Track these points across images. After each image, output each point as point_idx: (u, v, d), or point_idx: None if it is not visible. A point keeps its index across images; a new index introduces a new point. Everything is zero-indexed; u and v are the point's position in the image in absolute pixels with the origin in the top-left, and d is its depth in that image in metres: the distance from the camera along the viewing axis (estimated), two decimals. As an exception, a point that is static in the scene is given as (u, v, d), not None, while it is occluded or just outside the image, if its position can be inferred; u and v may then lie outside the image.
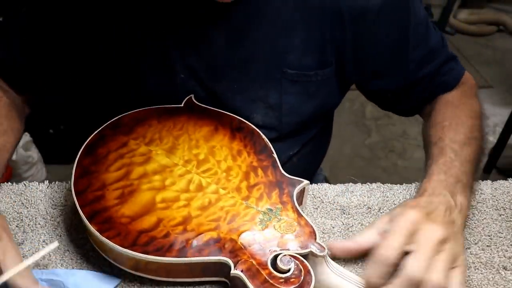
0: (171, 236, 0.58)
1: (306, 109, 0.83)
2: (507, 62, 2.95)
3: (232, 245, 0.57)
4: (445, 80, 0.83)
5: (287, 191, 0.63)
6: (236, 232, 0.59)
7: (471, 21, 3.28)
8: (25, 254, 0.66)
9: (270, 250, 0.57)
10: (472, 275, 0.65)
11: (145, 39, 0.76)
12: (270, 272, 0.54)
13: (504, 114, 2.13)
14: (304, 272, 0.54)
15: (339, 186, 0.79)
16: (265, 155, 0.68)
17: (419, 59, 0.81)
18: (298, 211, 0.61)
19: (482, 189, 0.79)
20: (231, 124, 0.74)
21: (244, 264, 0.55)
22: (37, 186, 0.76)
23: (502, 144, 2.00)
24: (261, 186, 0.64)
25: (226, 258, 0.56)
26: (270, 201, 0.62)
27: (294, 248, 0.56)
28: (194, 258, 0.56)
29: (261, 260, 0.55)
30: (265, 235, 0.58)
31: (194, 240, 0.57)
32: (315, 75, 0.79)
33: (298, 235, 0.58)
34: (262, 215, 0.60)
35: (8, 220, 0.70)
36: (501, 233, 0.72)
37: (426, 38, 0.81)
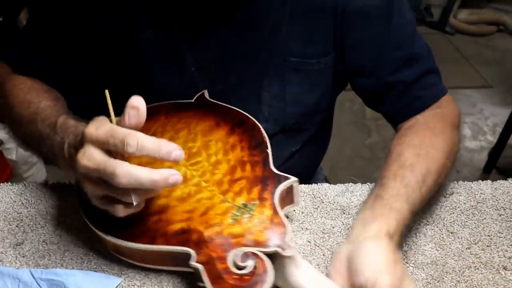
0: (145, 224, 0.59)
1: (308, 99, 0.84)
2: (507, 62, 2.95)
3: (199, 237, 0.57)
4: (422, 95, 0.79)
5: (270, 187, 0.62)
6: (205, 224, 0.58)
7: (471, 21, 3.28)
8: (25, 254, 0.66)
9: (233, 245, 0.55)
10: (472, 275, 0.65)
11: (155, 33, 0.76)
12: (226, 267, 0.53)
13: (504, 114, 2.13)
14: (260, 271, 0.52)
15: (339, 186, 0.79)
16: (259, 150, 0.67)
17: (398, 61, 0.78)
18: (275, 209, 0.59)
19: (482, 189, 0.79)
20: (234, 119, 0.73)
21: (204, 256, 0.55)
22: (37, 186, 0.76)
23: (502, 144, 2.00)
24: (244, 181, 0.63)
25: (190, 249, 0.56)
26: (248, 196, 0.61)
27: (258, 246, 0.55)
28: (161, 247, 0.57)
29: (221, 254, 0.55)
30: (233, 230, 0.58)
31: (165, 230, 0.58)
32: (317, 63, 0.80)
33: (267, 233, 0.56)
34: (236, 210, 0.60)
35: (8, 220, 0.71)
36: (501, 233, 0.72)
37: (410, 42, 0.79)
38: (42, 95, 0.74)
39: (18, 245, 0.67)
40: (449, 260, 0.67)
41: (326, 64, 0.80)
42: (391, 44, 0.78)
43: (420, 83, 0.79)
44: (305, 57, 0.79)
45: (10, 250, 0.66)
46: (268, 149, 0.67)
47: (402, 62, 0.78)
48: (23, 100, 0.73)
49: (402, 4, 0.78)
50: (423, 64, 0.79)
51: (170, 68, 0.78)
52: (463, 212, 0.75)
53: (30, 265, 0.64)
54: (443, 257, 0.68)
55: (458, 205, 0.76)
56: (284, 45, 0.77)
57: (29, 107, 0.70)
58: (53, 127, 0.64)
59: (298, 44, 0.78)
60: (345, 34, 0.77)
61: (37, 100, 0.72)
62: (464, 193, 0.78)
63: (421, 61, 0.79)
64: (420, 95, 0.79)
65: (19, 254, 0.66)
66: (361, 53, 0.79)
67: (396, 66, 0.78)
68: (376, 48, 0.78)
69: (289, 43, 0.77)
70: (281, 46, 0.77)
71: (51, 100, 0.73)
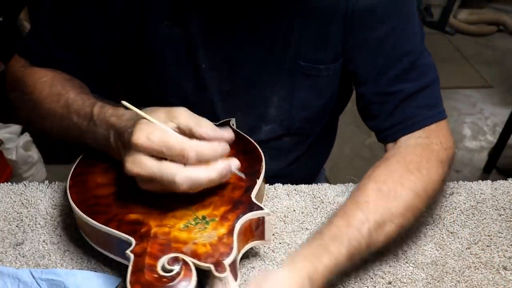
0: (111, 207, 0.61)
1: (315, 104, 0.83)
2: (507, 62, 2.95)
3: (146, 231, 0.57)
4: (416, 115, 0.73)
5: (239, 212, 0.60)
6: (158, 222, 0.59)
7: (471, 21, 3.28)
8: (25, 254, 0.66)
9: (172, 249, 0.55)
10: (472, 275, 0.65)
11: (171, 26, 0.75)
12: (152, 265, 0.53)
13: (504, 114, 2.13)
14: (181, 278, 0.51)
15: (339, 186, 0.79)
16: (249, 178, 0.65)
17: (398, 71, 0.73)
18: (231, 231, 0.57)
19: (482, 189, 0.79)
20: (244, 146, 0.72)
21: (140, 249, 0.55)
22: (37, 186, 0.76)
23: (502, 144, 2.00)
24: (216, 198, 0.62)
25: (133, 239, 0.56)
26: (211, 212, 0.60)
27: (194, 257, 0.54)
28: (110, 229, 0.58)
29: (156, 253, 0.54)
30: (179, 235, 0.57)
31: (123, 216, 0.59)
32: (326, 69, 0.79)
33: (209, 249, 0.55)
34: (192, 219, 0.59)
35: (8, 220, 0.71)
36: (501, 233, 0.72)
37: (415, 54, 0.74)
38: (67, 85, 0.72)
39: (18, 245, 0.67)
40: (449, 260, 0.67)
41: (334, 70, 0.79)
42: (394, 52, 0.74)
43: (417, 99, 0.73)
44: (315, 63, 0.78)
45: (10, 250, 0.66)
46: (258, 179, 0.65)
47: (402, 72, 0.74)
48: (50, 94, 0.71)
49: (412, 14, 0.74)
50: (423, 81, 0.74)
51: (183, 63, 0.78)
52: (463, 212, 0.75)
53: (30, 265, 0.64)
54: (443, 257, 0.68)
55: (458, 205, 0.76)
56: (296, 49, 0.76)
57: (58, 100, 0.70)
58: (90, 118, 0.65)
59: (309, 48, 0.76)
60: (349, 35, 0.75)
61: (64, 92, 0.71)
62: (464, 193, 0.78)
63: (422, 77, 0.74)
64: (413, 114, 0.73)
65: (19, 254, 0.66)
66: (360, 56, 0.76)
67: (395, 76, 0.74)
68: (377, 53, 0.74)
69: (301, 47, 0.76)
70: (293, 50, 0.76)
71: (77, 89, 0.72)
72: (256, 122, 0.84)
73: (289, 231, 0.70)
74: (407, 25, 0.74)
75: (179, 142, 0.54)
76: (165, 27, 0.74)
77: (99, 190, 0.64)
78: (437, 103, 0.75)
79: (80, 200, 0.62)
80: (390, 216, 0.61)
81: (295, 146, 0.90)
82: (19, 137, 1.77)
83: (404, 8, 0.73)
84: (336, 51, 0.77)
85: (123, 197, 0.63)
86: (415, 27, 0.75)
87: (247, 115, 0.83)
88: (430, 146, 0.70)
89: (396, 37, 0.73)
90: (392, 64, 0.73)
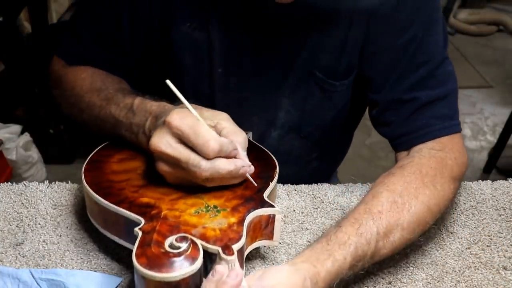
0: (123, 191, 0.62)
1: (326, 115, 0.83)
2: (507, 62, 2.95)
3: (157, 212, 0.58)
4: (431, 124, 0.72)
5: (250, 206, 0.60)
6: (169, 206, 0.59)
7: (471, 21, 3.28)
8: (25, 254, 0.66)
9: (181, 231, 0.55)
10: (472, 275, 0.65)
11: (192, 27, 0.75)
12: (160, 241, 0.53)
13: (504, 114, 2.13)
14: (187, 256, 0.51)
15: (339, 186, 0.79)
16: (263, 180, 0.65)
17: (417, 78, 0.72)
18: (242, 221, 0.58)
19: (482, 189, 0.79)
20: (260, 154, 0.72)
21: (149, 227, 0.55)
22: (37, 186, 0.76)
23: (502, 144, 2.00)
24: (229, 192, 0.62)
25: (142, 219, 0.57)
26: (224, 203, 0.61)
27: (202, 239, 0.54)
28: (120, 209, 0.58)
29: (165, 232, 0.55)
30: (190, 219, 0.58)
31: (134, 199, 0.60)
32: (341, 85, 0.79)
33: (218, 233, 0.56)
34: (204, 207, 0.60)
35: (8, 220, 0.71)
36: (501, 233, 0.72)
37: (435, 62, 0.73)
38: (107, 81, 0.76)
39: (18, 245, 0.67)
40: (449, 260, 0.67)
41: (348, 84, 0.79)
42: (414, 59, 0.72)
43: (433, 108, 0.72)
44: (331, 77, 0.77)
45: (10, 250, 0.66)
46: (271, 182, 0.65)
47: (419, 80, 0.72)
48: (91, 89, 0.74)
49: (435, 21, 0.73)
50: (441, 90, 0.72)
51: (200, 67, 0.78)
52: (463, 212, 0.75)
53: (30, 265, 0.64)
54: (443, 257, 0.68)
55: (458, 205, 0.76)
56: (312, 56, 0.76)
57: (99, 94, 0.72)
58: (130, 108, 0.67)
59: (327, 56, 0.76)
60: (369, 41, 0.74)
61: (105, 87, 0.74)
62: (464, 193, 0.78)
63: (440, 86, 0.72)
64: (428, 123, 0.72)
65: (19, 254, 0.66)
66: (380, 63, 0.74)
67: (412, 84, 0.72)
68: (397, 60, 0.73)
69: (318, 54, 0.75)
70: (309, 57, 0.76)
71: (117, 84, 0.76)
72: (269, 127, 0.84)
73: (289, 231, 0.70)
74: (429, 32, 0.72)
75: (208, 133, 0.57)
76: (187, 29, 0.75)
77: (114, 176, 0.65)
78: (453, 115, 0.73)
79: (94, 182, 0.63)
80: (401, 230, 0.61)
81: (306, 151, 0.89)
82: (19, 137, 1.77)
83: (427, 15, 0.72)
84: (351, 60, 0.76)
85: (137, 182, 0.64)
86: (438, 34, 0.74)
87: (261, 119, 0.83)
88: (444, 161, 0.69)
89: (417, 45, 0.72)
90: (411, 72, 0.72)
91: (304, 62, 0.76)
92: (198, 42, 0.76)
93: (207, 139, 0.56)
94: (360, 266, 0.59)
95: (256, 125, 0.83)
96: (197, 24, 0.75)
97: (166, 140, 0.57)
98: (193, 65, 0.78)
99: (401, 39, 0.72)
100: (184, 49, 0.77)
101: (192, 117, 0.58)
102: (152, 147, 0.58)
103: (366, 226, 0.59)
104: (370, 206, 0.62)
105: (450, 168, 0.69)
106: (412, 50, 0.72)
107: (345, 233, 0.58)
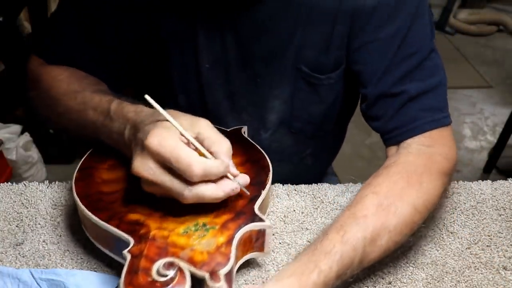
0: (113, 205, 0.61)
1: (315, 110, 0.83)
2: (507, 62, 2.95)
3: (146, 232, 0.57)
4: (420, 116, 0.71)
5: (240, 222, 0.59)
6: (158, 224, 0.59)
7: (471, 21, 3.28)
8: (25, 254, 0.66)
9: (169, 253, 0.55)
10: (472, 275, 0.65)
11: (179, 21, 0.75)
12: (147, 268, 0.53)
13: (504, 114, 2.13)
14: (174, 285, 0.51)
15: (339, 186, 0.79)
16: (255, 188, 0.64)
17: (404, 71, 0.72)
18: (230, 240, 0.57)
19: (482, 189, 0.79)
20: (252, 155, 0.71)
21: (138, 250, 0.55)
22: (37, 186, 0.76)
23: (502, 144, 2.00)
24: (219, 206, 0.61)
25: (132, 239, 0.56)
26: (213, 220, 0.60)
27: (190, 264, 0.54)
28: (110, 227, 0.58)
29: (153, 256, 0.54)
30: (178, 240, 0.57)
31: (123, 215, 0.59)
32: (327, 79, 0.78)
33: (206, 257, 0.55)
34: (193, 225, 0.59)
35: (8, 220, 0.71)
36: (501, 233, 0.72)
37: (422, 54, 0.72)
38: (84, 83, 0.73)
39: (18, 245, 0.67)
40: (449, 260, 0.67)
41: (335, 78, 0.79)
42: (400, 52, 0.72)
43: (422, 101, 0.72)
44: (316, 71, 0.77)
45: (10, 250, 0.66)
46: (263, 191, 0.64)
47: (407, 73, 0.72)
48: (67, 91, 0.72)
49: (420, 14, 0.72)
50: (429, 82, 0.72)
51: (187, 62, 0.78)
52: (463, 212, 0.75)
53: (30, 265, 0.64)
54: (443, 257, 0.68)
55: (458, 205, 0.76)
56: (298, 52, 0.76)
57: (75, 98, 0.70)
58: (107, 113, 0.64)
59: (312, 52, 0.76)
60: (355, 35, 0.74)
61: (81, 89, 0.71)
62: (464, 193, 0.78)
63: (428, 78, 0.72)
64: (418, 116, 0.71)
65: (19, 254, 0.66)
66: (366, 56, 0.74)
67: (400, 77, 0.72)
68: (383, 53, 0.72)
69: (304, 50, 0.76)
70: (295, 52, 0.76)
71: (94, 86, 0.73)
72: (260, 123, 0.84)
73: (289, 231, 0.70)
74: (415, 25, 0.72)
75: (189, 156, 0.54)
76: (174, 25, 0.75)
77: (104, 187, 0.64)
78: (442, 107, 0.73)
79: (84, 194, 0.62)
80: (388, 233, 0.60)
81: (298, 147, 0.89)
82: (19, 137, 1.77)
83: (413, 7, 0.71)
84: (338, 55, 0.76)
85: (127, 196, 0.63)
86: (425, 26, 0.73)
87: (251, 115, 0.83)
88: (432, 157, 0.68)
89: (403, 37, 0.71)
90: (398, 64, 0.72)
91: (289, 57, 0.76)
92: (185, 38, 0.75)
93: (188, 164, 0.53)
94: (349, 274, 0.57)
95: (246, 121, 0.83)
96: (183, 20, 0.74)
97: (148, 166, 0.55)
98: (180, 61, 0.78)
99: (385, 32, 0.72)
100: (171, 44, 0.76)
101: (171, 138, 0.55)
102: (134, 172, 0.56)
103: (351, 232, 0.58)
104: (355, 211, 0.61)
105: (438, 164, 0.68)
106: (398, 42, 0.71)
107: (331, 240, 0.57)
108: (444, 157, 0.69)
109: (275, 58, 0.77)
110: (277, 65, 0.77)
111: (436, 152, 0.69)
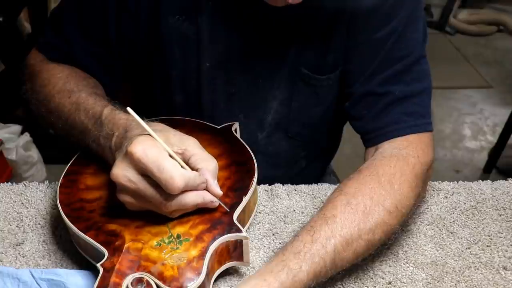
0: (93, 214, 0.61)
1: (314, 112, 0.83)
2: (507, 62, 2.95)
3: (120, 244, 0.57)
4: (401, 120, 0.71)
5: (216, 232, 0.58)
6: (133, 236, 0.58)
7: (471, 21, 3.28)
8: (25, 254, 0.66)
9: (140, 267, 0.55)
10: (472, 275, 0.65)
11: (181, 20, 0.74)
12: (117, 283, 0.53)
13: (504, 114, 2.13)
14: None
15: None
16: (237, 194, 0.63)
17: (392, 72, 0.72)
18: (203, 254, 0.56)
19: (482, 189, 0.79)
20: (239, 157, 0.70)
21: (110, 264, 0.55)
22: (37, 186, 0.76)
23: (502, 144, 2.00)
24: (196, 216, 0.60)
25: (106, 251, 0.56)
26: (188, 231, 0.59)
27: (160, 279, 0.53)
28: (88, 238, 0.58)
29: (125, 270, 0.54)
30: (151, 253, 0.56)
31: (102, 225, 0.60)
32: (327, 80, 0.78)
33: (176, 272, 0.54)
34: (167, 237, 0.58)
35: (8, 220, 0.71)
36: (501, 233, 0.72)
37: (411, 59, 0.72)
38: (82, 84, 0.73)
39: (18, 245, 0.67)
40: (449, 260, 0.67)
41: (334, 79, 0.79)
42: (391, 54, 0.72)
43: (405, 105, 0.72)
44: (316, 72, 0.77)
45: (10, 250, 0.66)
46: (245, 197, 0.63)
47: (394, 75, 0.72)
48: (62, 89, 0.71)
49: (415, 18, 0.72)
50: (414, 86, 0.72)
51: (188, 60, 0.78)
52: (463, 212, 0.75)
53: (30, 265, 0.64)
54: (443, 257, 0.68)
55: (458, 205, 0.76)
56: (299, 54, 0.76)
57: (70, 97, 0.70)
58: (98, 118, 0.64)
59: (313, 54, 0.76)
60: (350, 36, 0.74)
61: (77, 89, 0.71)
62: (464, 193, 0.78)
63: (414, 82, 0.72)
64: (399, 119, 0.71)
65: (19, 254, 0.66)
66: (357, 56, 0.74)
67: (387, 78, 0.72)
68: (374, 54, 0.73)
69: (304, 52, 0.76)
70: (296, 54, 0.76)
71: (90, 88, 0.73)
72: (256, 125, 0.84)
73: (289, 231, 0.70)
74: (408, 29, 0.72)
75: (172, 168, 0.54)
76: (176, 22, 0.74)
77: (86, 194, 0.64)
78: (425, 113, 0.73)
79: (67, 202, 0.63)
80: (358, 232, 0.59)
81: (294, 151, 0.89)
82: (19, 137, 1.77)
83: (407, 12, 0.72)
84: (337, 57, 0.76)
85: (108, 203, 0.62)
86: (418, 31, 0.73)
87: (249, 117, 0.83)
88: (406, 159, 0.67)
89: (396, 39, 0.72)
90: (387, 65, 0.72)
91: (291, 59, 0.76)
92: (187, 35, 0.75)
93: (171, 176, 0.53)
94: (322, 275, 0.57)
95: (243, 123, 0.82)
96: (186, 17, 0.74)
97: (129, 173, 0.55)
98: (181, 59, 0.78)
99: (379, 33, 0.72)
100: (172, 42, 0.76)
101: (156, 148, 0.54)
102: (113, 178, 0.56)
103: (320, 231, 0.58)
104: (325, 211, 0.61)
105: (412, 165, 0.67)
106: (390, 44, 0.72)
107: (301, 241, 0.57)
108: (418, 160, 0.68)
109: (277, 59, 0.77)
110: (279, 66, 0.77)
111: (409, 154, 0.68)
